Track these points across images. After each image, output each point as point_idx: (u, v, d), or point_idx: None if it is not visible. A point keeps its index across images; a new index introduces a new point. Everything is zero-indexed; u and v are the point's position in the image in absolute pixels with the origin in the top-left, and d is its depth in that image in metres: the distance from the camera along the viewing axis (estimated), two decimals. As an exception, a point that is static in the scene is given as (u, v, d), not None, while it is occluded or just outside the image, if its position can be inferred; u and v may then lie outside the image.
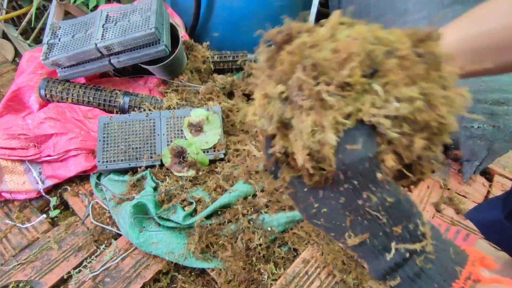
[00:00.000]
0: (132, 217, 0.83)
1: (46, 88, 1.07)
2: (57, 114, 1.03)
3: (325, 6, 1.62)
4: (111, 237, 0.90)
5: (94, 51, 1.01)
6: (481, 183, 1.08)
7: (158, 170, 0.98)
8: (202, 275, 0.86)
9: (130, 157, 0.97)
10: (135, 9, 1.08)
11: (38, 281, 0.81)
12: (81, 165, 0.97)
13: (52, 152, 0.97)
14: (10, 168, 0.96)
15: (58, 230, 0.91)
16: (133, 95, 1.11)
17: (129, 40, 1.00)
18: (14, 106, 1.10)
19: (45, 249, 0.87)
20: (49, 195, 0.98)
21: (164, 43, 1.03)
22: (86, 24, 1.08)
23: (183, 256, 0.83)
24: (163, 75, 1.19)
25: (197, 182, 0.97)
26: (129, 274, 0.82)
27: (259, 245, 0.84)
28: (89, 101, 1.09)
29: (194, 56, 1.24)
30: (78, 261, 0.85)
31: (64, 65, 1.05)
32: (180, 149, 0.98)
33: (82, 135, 1.01)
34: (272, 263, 0.84)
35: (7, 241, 0.89)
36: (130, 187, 0.94)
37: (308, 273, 0.81)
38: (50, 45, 1.04)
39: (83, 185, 1.00)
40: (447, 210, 1.00)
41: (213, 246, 0.83)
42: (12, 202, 0.97)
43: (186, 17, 1.33)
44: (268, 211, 0.88)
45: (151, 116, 1.02)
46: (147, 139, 1.00)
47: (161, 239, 0.84)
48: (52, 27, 1.09)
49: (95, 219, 0.92)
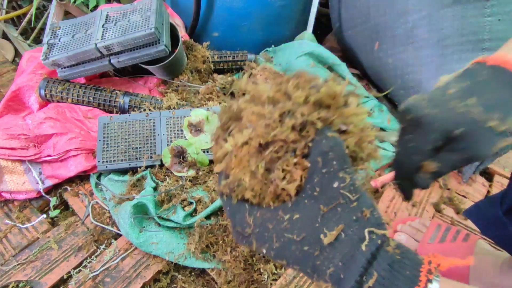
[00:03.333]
0: (132, 217, 0.83)
1: (46, 88, 1.07)
2: (57, 114, 1.03)
3: (325, 6, 1.62)
4: (111, 237, 0.91)
5: (94, 51, 1.01)
6: (481, 183, 1.08)
7: (158, 170, 0.98)
8: (202, 275, 0.86)
9: (130, 157, 0.97)
10: (135, 9, 1.08)
11: (38, 281, 0.81)
12: (81, 165, 0.97)
13: (52, 152, 0.97)
14: (10, 168, 0.96)
15: (58, 230, 0.91)
16: (133, 95, 1.11)
17: (129, 40, 1.00)
18: (14, 106, 1.10)
19: (45, 249, 0.87)
20: (49, 195, 0.98)
21: (164, 43, 1.03)
22: (86, 24, 1.08)
23: (183, 256, 0.83)
24: (163, 75, 1.19)
25: (197, 182, 0.97)
26: (129, 274, 0.82)
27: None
28: (89, 101, 1.09)
29: (194, 56, 1.24)
30: (78, 261, 0.85)
31: (64, 65, 1.05)
32: (180, 149, 0.98)
33: (82, 135, 1.01)
34: (272, 263, 0.84)
35: (7, 241, 0.89)
36: (130, 187, 0.94)
37: (308, 273, 0.81)
38: (50, 45, 1.04)
39: (83, 185, 1.00)
40: (447, 210, 1.00)
41: (213, 246, 0.84)
42: (12, 202, 0.97)
43: (186, 17, 1.33)
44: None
45: (151, 116, 1.03)
46: (147, 139, 1.00)
47: (161, 239, 0.84)
48: (52, 27, 1.09)
49: (95, 219, 0.92)
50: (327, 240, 0.27)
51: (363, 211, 0.27)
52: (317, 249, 0.27)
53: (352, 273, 0.26)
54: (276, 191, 0.29)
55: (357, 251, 0.26)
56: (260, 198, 0.30)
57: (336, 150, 0.27)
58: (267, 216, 0.29)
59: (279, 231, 0.29)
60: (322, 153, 0.27)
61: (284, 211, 0.29)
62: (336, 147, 0.27)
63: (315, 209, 0.28)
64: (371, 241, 0.26)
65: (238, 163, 0.30)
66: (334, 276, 0.27)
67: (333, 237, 0.27)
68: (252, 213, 0.30)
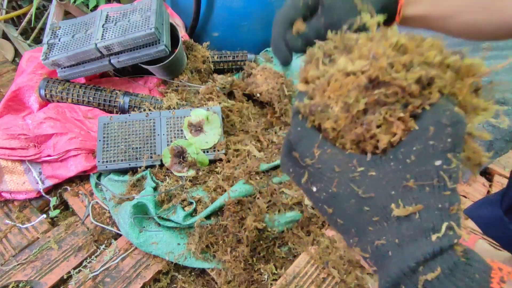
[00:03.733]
0: (132, 217, 0.83)
1: (46, 88, 1.07)
2: (57, 114, 1.03)
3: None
4: (111, 237, 0.91)
5: (94, 51, 1.01)
6: (481, 183, 1.08)
7: (158, 170, 0.98)
8: (202, 275, 0.86)
9: (130, 157, 0.97)
10: (135, 9, 1.08)
11: (38, 281, 0.81)
12: (81, 165, 0.97)
13: (52, 152, 0.97)
14: (10, 168, 0.96)
15: (58, 230, 0.91)
16: (133, 95, 1.11)
17: (129, 40, 1.00)
18: (14, 106, 1.10)
19: (45, 249, 0.87)
20: (49, 195, 0.98)
21: (164, 43, 1.03)
22: (86, 24, 1.08)
23: (183, 256, 0.83)
24: (163, 75, 1.19)
25: (197, 182, 0.97)
26: (129, 274, 0.82)
27: (259, 245, 0.85)
28: (89, 101, 1.09)
29: (194, 56, 1.24)
30: (78, 261, 0.85)
31: (64, 65, 1.05)
32: (180, 149, 0.98)
33: (82, 135, 1.01)
34: (272, 263, 0.84)
35: (7, 241, 0.89)
36: (130, 187, 0.94)
37: (308, 273, 0.81)
38: (50, 45, 1.04)
39: (83, 185, 1.00)
40: (447, 210, 1.00)
41: (213, 246, 0.83)
42: (12, 202, 0.97)
43: (186, 17, 1.33)
44: (268, 212, 0.88)
45: (151, 116, 1.03)
46: (147, 139, 1.00)
47: (161, 239, 0.84)
48: (52, 27, 1.09)
49: (95, 219, 0.92)
50: (398, 213, 0.24)
51: (453, 204, 0.24)
52: (378, 216, 0.25)
53: (406, 256, 0.23)
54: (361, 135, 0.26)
55: (424, 239, 0.23)
56: (339, 134, 0.27)
57: (457, 128, 0.24)
58: (338, 158, 0.26)
59: (345, 178, 0.26)
60: (438, 124, 0.24)
61: (359, 162, 0.26)
62: (458, 125, 0.24)
63: (399, 176, 0.24)
64: (445, 236, 0.23)
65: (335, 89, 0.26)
66: (380, 250, 0.25)
67: (406, 213, 0.24)
68: (323, 147, 0.27)
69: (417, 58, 0.26)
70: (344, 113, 0.26)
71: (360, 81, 0.25)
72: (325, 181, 0.27)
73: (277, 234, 0.87)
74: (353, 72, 0.26)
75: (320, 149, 0.27)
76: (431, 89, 0.25)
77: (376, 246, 0.25)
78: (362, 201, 0.25)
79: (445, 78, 0.25)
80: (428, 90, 0.25)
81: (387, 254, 0.24)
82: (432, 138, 0.24)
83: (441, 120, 0.24)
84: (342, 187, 0.26)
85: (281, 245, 0.88)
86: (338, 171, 0.26)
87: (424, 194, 0.24)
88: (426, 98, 0.25)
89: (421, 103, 0.25)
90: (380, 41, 0.27)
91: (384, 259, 0.24)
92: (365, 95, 0.25)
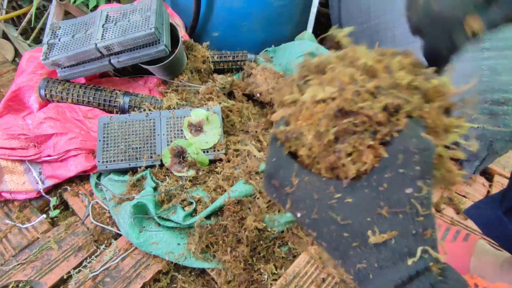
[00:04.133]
0: (132, 217, 0.83)
1: (46, 88, 1.07)
2: (57, 114, 1.03)
3: (325, 6, 1.62)
4: (111, 237, 0.91)
5: (94, 51, 1.01)
6: (481, 183, 1.08)
7: (158, 170, 0.98)
8: (202, 275, 0.86)
9: (130, 157, 0.97)
10: (135, 9, 1.08)
11: (38, 281, 0.81)
12: (81, 165, 0.97)
13: (52, 152, 0.97)
14: (10, 168, 0.96)
15: (58, 230, 0.91)
16: (133, 95, 1.11)
17: (129, 40, 1.00)
18: (14, 106, 1.10)
19: (45, 249, 0.87)
20: (49, 195, 0.98)
21: (164, 43, 1.03)
22: (86, 24, 1.08)
23: (183, 256, 0.83)
24: (163, 75, 1.19)
25: (197, 182, 0.97)
26: (129, 274, 0.82)
27: (259, 245, 0.84)
28: (89, 101, 1.09)
29: (194, 56, 1.24)
30: (78, 261, 0.85)
31: (64, 65, 1.05)
32: (180, 149, 0.98)
33: (82, 135, 1.01)
34: (272, 263, 0.84)
35: (7, 241, 0.89)
36: (130, 187, 0.94)
37: (308, 273, 0.81)
38: (50, 45, 1.04)
39: (83, 185, 1.00)
40: (447, 210, 1.00)
41: (213, 246, 0.83)
42: (12, 202, 0.97)
43: (186, 17, 1.33)
44: (268, 212, 0.88)
45: (151, 116, 1.03)
46: (147, 139, 1.00)
47: (161, 239, 0.84)
48: (52, 27, 1.09)
49: (95, 219, 0.92)
50: (374, 240, 0.25)
51: (426, 230, 0.25)
52: (357, 241, 0.26)
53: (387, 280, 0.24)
54: (334, 163, 0.26)
55: (401, 263, 0.24)
56: (314, 161, 0.28)
57: (425, 155, 0.24)
58: (316, 185, 0.27)
59: (324, 205, 0.27)
60: (406, 151, 0.24)
61: (336, 188, 0.26)
62: (426, 152, 0.25)
63: (374, 203, 0.25)
64: (421, 259, 0.24)
65: (307, 117, 0.27)
66: (362, 272, 0.25)
67: (381, 240, 0.25)
68: (300, 175, 0.28)
69: (385, 81, 0.26)
70: (317, 141, 0.27)
71: (329, 110, 0.26)
72: (306, 208, 0.27)
73: (277, 234, 0.87)
74: (323, 100, 0.27)
75: (298, 178, 0.28)
76: (399, 115, 0.25)
77: (358, 269, 0.26)
78: (341, 227, 0.26)
79: (413, 101, 0.26)
80: (396, 117, 0.26)
81: (369, 277, 0.25)
82: (402, 166, 0.25)
83: (408, 147, 0.25)
84: (322, 214, 0.27)
85: (281, 245, 0.88)
86: (316, 198, 0.27)
87: (398, 221, 0.25)
88: (394, 125, 0.25)
89: (389, 131, 0.25)
90: (349, 64, 0.28)
91: (367, 281, 0.25)
92: (335, 124, 0.26)
